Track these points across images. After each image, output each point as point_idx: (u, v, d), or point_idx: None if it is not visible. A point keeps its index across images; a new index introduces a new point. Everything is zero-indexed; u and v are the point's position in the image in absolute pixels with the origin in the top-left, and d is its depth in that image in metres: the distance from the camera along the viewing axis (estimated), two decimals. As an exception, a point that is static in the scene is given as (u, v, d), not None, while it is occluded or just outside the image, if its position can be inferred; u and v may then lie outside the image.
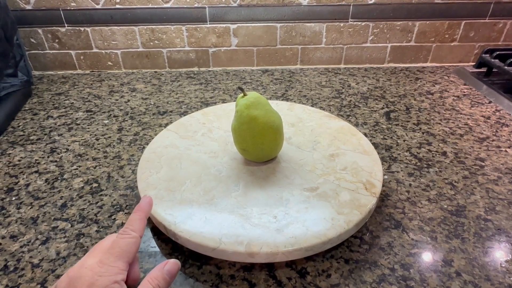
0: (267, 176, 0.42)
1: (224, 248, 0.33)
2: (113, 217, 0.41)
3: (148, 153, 0.47)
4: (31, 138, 0.57)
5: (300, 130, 0.51)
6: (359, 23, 0.79)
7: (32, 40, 0.76)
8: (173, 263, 0.29)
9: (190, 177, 0.42)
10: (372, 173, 0.42)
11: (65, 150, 0.53)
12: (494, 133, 0.57)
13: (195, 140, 0.49)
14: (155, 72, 0.81)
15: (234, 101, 0.67)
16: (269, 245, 0.33)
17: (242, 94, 0.42)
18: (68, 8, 0.74)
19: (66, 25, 0.75)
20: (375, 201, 0.38)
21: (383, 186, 0.45)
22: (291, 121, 0.53)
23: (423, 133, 0.57)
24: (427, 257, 0.36)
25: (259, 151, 0.43)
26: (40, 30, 0.76)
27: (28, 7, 0.73)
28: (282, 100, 0.67)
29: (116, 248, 0.27)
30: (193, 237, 0.34)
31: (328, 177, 0.42)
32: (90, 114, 0.63)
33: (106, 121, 0.61)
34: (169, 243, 0.38)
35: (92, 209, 0.42)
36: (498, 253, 0.36)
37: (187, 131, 0.51)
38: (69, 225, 0.40)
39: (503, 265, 0.35)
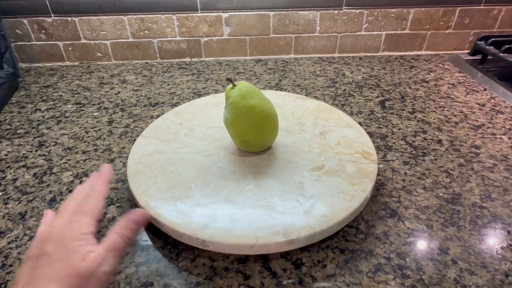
0: (271, 163, 0.42)
1: (263, 243, 0.32)
2: (103, 211, 0.40)
3: (134, 164, 0.42)
4: (18, 131, 0.55)
5: (281, 114, 0.50)
6: (353, 10, 0.77)
7: (18, 31, 0.74)
8: (137, 213, 0.31)
9: (193, 180, 0.40)
10: (363, 143, 0.45)
11: (54, 143, 0.52)
12: (489, 121, 0.56)
13: (180, 142, 0.46)
14: (146, 63, 0.79)
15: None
16: (305, 228, 0.33)
17: (230, 86, 0.40)
18: (54, -3, 0.71)
19: (52, 15, 0.73)
20: (377, 166, 0.41)
21: (378, 175, 0.45)
22: None
23: (418, 121, 0.56)
24: (423, 245, 0.36)
25: (261, 139, 0.42)
26: (25, 21, 0.73)
27: (12, -4, 0.71)
28: (276, 90, 0.66)
29: (83, 207, 0.30)
30: (227, 239, 0.32)
31: (328, 153, 0.43)
32: (80, 107, 0.62)
33: (96, 114, 0.60)
34: (161, 237, 0.37)
35: (82, 203, 0.41)
36: (494, 240, 0.36)
37: (166, 134, 0.48)
38: (59, 220, 0.39)
39: (499, 252, 0.35)
